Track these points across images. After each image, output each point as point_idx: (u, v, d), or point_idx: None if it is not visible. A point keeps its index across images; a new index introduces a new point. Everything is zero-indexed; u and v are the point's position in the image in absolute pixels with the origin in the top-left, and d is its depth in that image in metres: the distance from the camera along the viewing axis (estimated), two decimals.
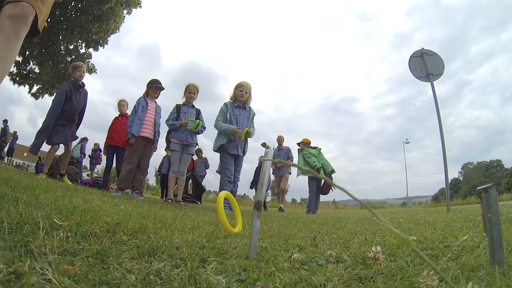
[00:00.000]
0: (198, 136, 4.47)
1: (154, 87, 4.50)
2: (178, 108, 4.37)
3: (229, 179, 3.98)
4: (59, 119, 4.33)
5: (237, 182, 4.22)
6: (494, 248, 0.64)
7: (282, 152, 7.28)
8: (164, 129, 4.68)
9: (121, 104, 5.72)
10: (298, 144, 6.69)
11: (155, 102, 4.57)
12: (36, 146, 4.22)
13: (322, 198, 6.66)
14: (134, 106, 4.41)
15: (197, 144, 4.54)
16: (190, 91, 4.42)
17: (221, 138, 4.06)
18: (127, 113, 5.63)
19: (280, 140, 7.44)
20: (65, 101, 4.36)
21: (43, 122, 4.28)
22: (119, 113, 5.80)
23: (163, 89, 4.59)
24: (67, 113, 4.39)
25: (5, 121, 13.99)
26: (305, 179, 6.62)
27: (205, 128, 4.46)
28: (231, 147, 4.03)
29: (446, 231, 1.46)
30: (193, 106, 4.48)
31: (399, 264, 0.76)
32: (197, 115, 4.42)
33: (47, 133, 4.24)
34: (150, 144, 4.44)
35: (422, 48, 5.01)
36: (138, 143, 4.26)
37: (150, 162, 4.67)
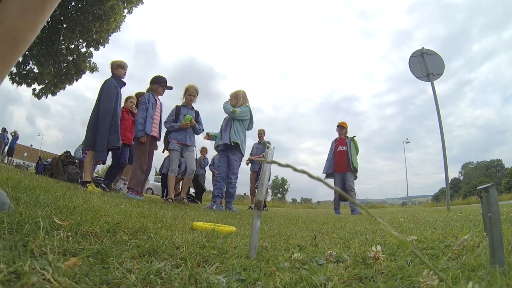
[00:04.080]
0: (196, 136, 4.49)
1: (165, 86, 4.38)
2: (177, 109, 4.37)
3: (219, 176, 4.39)
4: (113, 117, 3.91)
5: (232, 182, 4.26)
6: (495, 248, 0.64)
7: (261, 146, 7.08)
8: (163, 129, 4.66)
9: (131, 101, 5.30)
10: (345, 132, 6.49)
11: (159, 99, 4.49)
12: (102, 153, 3.82)
13: (323, 197, 6.65)
14: (144, 103, 4.20)
15: (194, 146, 4.55)
16: (190, 94, 4.40)
17: (217, 139, 4.39)
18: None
19: (260, 133, 7.13)
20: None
21: (98, 124, 3.81)
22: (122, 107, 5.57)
23: (171, 88, 4.49)
24: (115, 109, 3.94)
25: (4, 129, 14.07)
26: (305, 179, 6.62)
27: (203, 130, 4.48)
28: (219, 147, 4.42)
29: (446, 231, 1.46)
30: (193, 108, 4.48)
31: (399, 263, 0.76)
32: (196, 117, 4.42)
33: (106, 134, 3.80)
34: (154, 142, 4.40)
35: (422, 48, 5.00)
36: (148, 142, 4.16)
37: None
